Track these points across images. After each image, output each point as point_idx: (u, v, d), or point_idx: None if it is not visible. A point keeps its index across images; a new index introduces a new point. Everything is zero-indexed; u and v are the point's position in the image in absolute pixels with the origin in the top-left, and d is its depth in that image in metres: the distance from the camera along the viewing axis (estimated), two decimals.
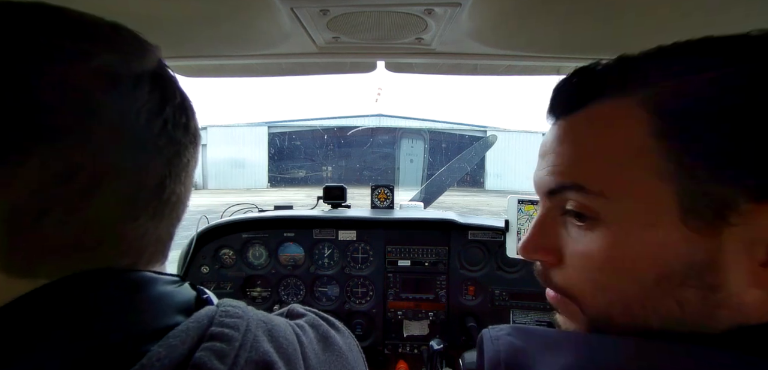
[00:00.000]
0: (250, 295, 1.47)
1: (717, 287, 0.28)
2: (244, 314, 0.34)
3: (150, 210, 0.33)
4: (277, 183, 17.57)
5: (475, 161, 2.39)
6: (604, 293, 0.33)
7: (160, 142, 0.33)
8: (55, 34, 0.28)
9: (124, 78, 0.31)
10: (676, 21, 0.61)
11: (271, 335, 0.34)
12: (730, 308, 0.28)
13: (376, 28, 0.71)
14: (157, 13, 0.61)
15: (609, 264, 0.32)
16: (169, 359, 0.27)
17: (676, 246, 0.29)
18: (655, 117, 0.29)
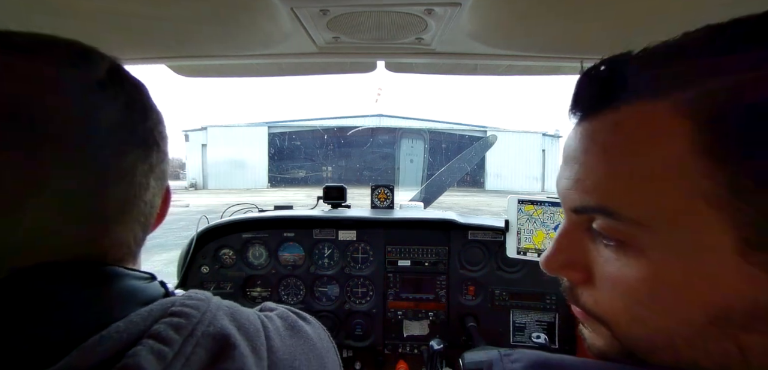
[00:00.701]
0: (250, 295, 1.47)
1: (755, 318, 0.24)
2: (207, 298, 0.36)
3: (105, 213, 0.34)
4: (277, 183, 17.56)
5: (475, 161, 2.39)
6: (644, 326, 0.28)
7: (112, 148, 0.34)
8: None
9: (68, 87, 0.32)
10: (678, 20, 0.61)
11: (233, 316, 0.36)
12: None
13: (376, 28, 0.71)
14: (157, 13, 0.61)
15: (649, 297, 0.27)
16: (128, 333, 0.29)
17: (735, 283, 0.24)
18: (699, 126, 0.24)
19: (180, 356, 0.29)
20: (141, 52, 0.80)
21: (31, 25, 0.63)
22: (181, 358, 0.29)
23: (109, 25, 0.65)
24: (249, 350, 0.34)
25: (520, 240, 1.22)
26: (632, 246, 0.27)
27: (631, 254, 0.27)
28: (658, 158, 0.25)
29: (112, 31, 0.67)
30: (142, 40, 0.73)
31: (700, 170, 0.24)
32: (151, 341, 0.29)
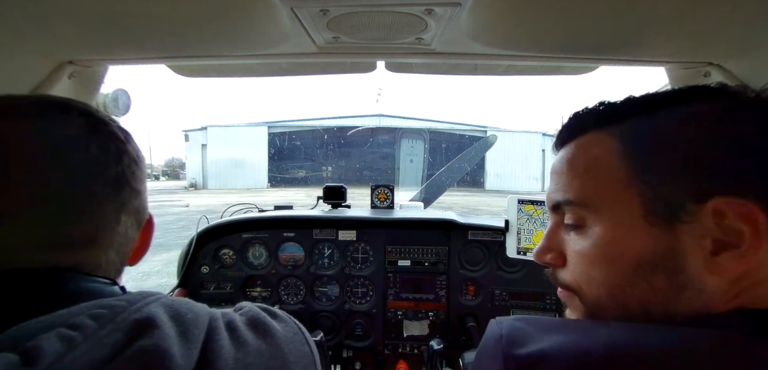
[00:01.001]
0: (250, 295, 1.47)
1: (678, 271, 0.35)
2: (150, 294, 0.37)
3: (70, 241, 0.40)
4: (277, 183, 17.56)
5: (475, 161, 2.39)
6: (596, 284, 0.41)
7: (79, 188, 0.40)
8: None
9: (36, 141, 0.39)
10: (676, 20, 0.61)
11: (172, 306, 0.36)
12: (693, 290, 0.35)
13: (376, 28, 0.71)
14: (157, 13, 0.61)
15: (596, 259, 0.40)
16: (50, 320, 0.31)
17: (642, 240, 0.37)
18: (620, 141, 0.39)
19: (90, 339, 0.30)
20: (141, 52, 0.80)
21: (31, 25, 0.63)
22: (92, 340, 0.30)
23: (109, 25, 0.65)
24: (175, 333, 0.34)
25: (520, 240, 1.22)
26: (585, 226, 0.41)
27: (584, 232, 0.41)
28: (598, 161, 0.40)
29: (112, 31, 0.67)
30: (142, 40, 0.73)
31: (620, 166, 0.39)
32: (63, 329, 0.30)
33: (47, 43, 0.70)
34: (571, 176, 0.43)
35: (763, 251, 0.33)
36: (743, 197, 0.33)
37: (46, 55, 0.75)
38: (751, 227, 0.32)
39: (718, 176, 0.34)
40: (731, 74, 0.74)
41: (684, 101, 0.38)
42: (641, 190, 0.37)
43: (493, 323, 0.38)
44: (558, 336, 0.33)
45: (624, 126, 0.40)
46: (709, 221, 0.34)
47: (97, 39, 0.70)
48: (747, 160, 0.33)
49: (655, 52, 0.76)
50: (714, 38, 0.67)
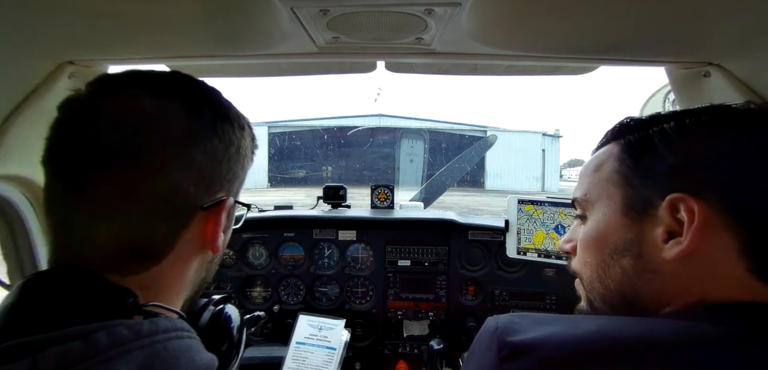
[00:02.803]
0: (250, 295, 1.47)
1: (640, 255, 0.43)
2: (153, 335, 0.36)
3: None
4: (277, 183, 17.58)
5: (475, 161, 2.40)
6: (588, 267, 0.50)
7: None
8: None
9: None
10: (676, 20, 0.61)
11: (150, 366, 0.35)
12: (650, 272, 0.43)
13: (376, 28, 0.71)
14: (157, 13, 0.61)
15: (588, 245, 0.50)
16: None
17: (619, 229, 0.45)
18: (620, 149, 0.48)
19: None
20: (141, 52, 0.79)
21: (31, 25, 0.63)
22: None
23: (109, 25, 0.65)
24: None
25: (520, 240, 1.22)
26: (586, 217, 0.51)
27: (585, 223, 0.51)
28: (600, 166, 0.50)
29: (112, 31, 0.67)
30: (142, 40, 0.73)
31: (616, 169, 0.47)
32: (65, 346, 0.31)
33: (47, 43, 0.70)
34: (584, 177, 0.52)
35: (706, 242, 0.39)
36: (695, 196, 0.39)
37: (46, 55, 0.75)
38: (690, 218, 0.39)
39: (680, 180, 0.41)
40: (731, 74, 0.74)
41: (673, 119, 0.45)
42: (626, 189, 0.45)
43: (490, 319, 0.43)
44: (551, 327, 0.37)
45: (626, 138, 0.47)
46: (665, 214, 0.41)
47: (97, 39, 0.70)
48: (703, 168, 0.41)
49: (655, 52, 0.76)
50: (714, 38, 0.67)
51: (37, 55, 0.74)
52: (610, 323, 0.37)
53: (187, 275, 0.46)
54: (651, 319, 0.39)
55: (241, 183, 0.51)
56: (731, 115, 0.42)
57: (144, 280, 0.41)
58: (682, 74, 0.82)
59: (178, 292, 0.46)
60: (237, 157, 0.48)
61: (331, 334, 1.20)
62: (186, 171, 0.41)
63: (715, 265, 0.39)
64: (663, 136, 0.43)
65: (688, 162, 0.41)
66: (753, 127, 0.40)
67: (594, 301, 0.49)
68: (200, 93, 0.46)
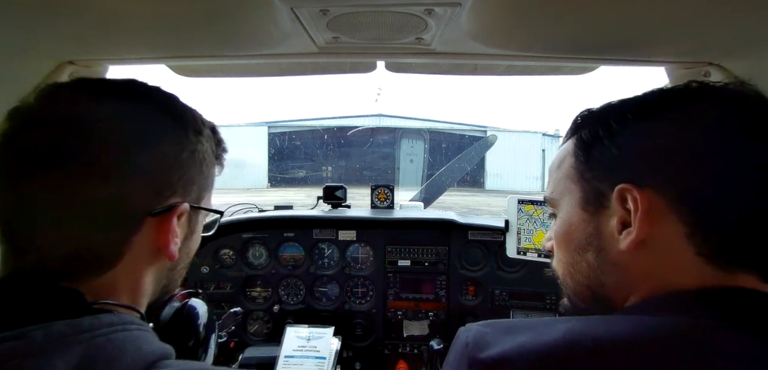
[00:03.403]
0: (250, 295, 1.47)
1: (601, 249, 0.44)
2: (96, 329, 0.35)
3: None
4: (277, 183, 17.56)
5: (475, 161, 2.39)
6: (561, 264, 0.51)
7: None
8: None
9: None
10: (676, 20, 0.61)
11: (92, 358, 0.34)
12: (611, 264, 0.44)
13: (376, 28, 0.71)
14: (157, 13, 0.61)
15: (558, 243, 0.51)
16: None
17: (580, 224, 0.47)
18: (575, 146, 0.48)
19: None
20: (141, 52, 0.79)
21: (31, 25, 0.63)
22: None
23: (109, 25, 0.64)
24: None
25: (520, 240, 1.22)
26: (556, 216, 0.52)
27: (555, 219, 0.52)
28: (561, 163, 0.51)
29: (112, 31, 0.67)
30: (142, 40, 0.73)
31: (573, 165, 0.48)
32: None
33: (47, 43, 0.70)
34: (551, 175, 0.53)
35: (655, 229, 0.39)
36: (639, 184, 0.40)
37: (46, 55, 0.75)
38: (635, 207, 0.40)
39: (626, 170, 0.42)
40: (731, 74, 0.74)
41: (619, 110, 0.45)
42: (582, 184, 0.46)
43: (462, 330, 0.42)
44: (520, 336, 0.37)
45: (580, 134, 0.48)
46: (617, 206, 0.42)
47: (97, 39, 0.70)
48: (645, 156, 0.41)
49: (655, 52, 0.76)
50: (714, 38, 0.67)
51: (37, 55, 0.74)
52: (576, 327, 0.37)
53: (142, 281, 0.45)
54: (617, 317, 0.39)
55: (203, 188, 0.50)
56: (670, 99, 0.42)
57: (93, 285, 0.40)
58: (682, 74, 0.82)
59: (133, 299, 0.45)
60: (191, 161, 0.46)
61: (320, 343, 1.18)
62: (131, 177, 0.40)
63: (668, 251, 0.39)
64: (608, 130, 0.44)
65: (632, 152, 0.42)
66: (690, 110, 0.40)
67: (570, 296, 0.51)
68: (149, 99, 0.45)
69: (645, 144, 0.42)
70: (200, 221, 0.53)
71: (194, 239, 0.52)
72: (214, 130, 0.52)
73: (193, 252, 0.54)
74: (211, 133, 0.51)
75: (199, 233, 0.54)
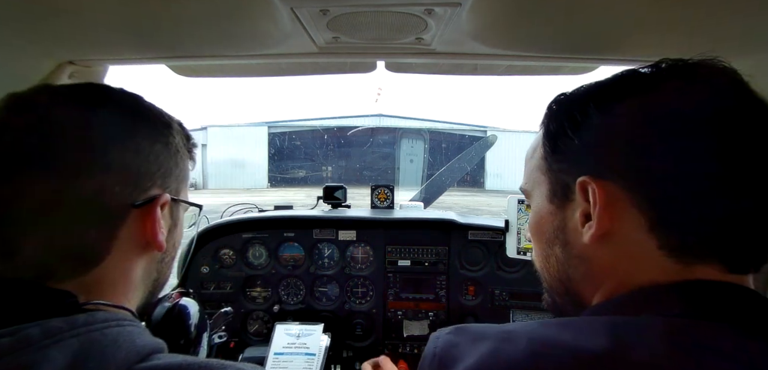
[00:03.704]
0: (250, 295, 1.47)
1: (567, 242, 0.44)
2: (89, 324, 0.36)
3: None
4: (277, 183, 17.56)
5: (475, 161, 2.39)
6: (536, 256, 0.51)
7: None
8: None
9: None
10: (675, 20, 0.61)
11: (85, 353, 0.35)
12: (577, 258, 0.43)
13: (376, 28, 0.71)
14: (157, 13, 0.61)
15: (532, 234, 0.51)
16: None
17: (549, 216, 0.46)
18: (544, 137, 0.47)
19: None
20: (141, 52, 0.80)
21: (31, 25, 0.63)
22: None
23: (109, 25, 0.65)
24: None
25: (520, 240, 1.22)
26: (529, 205, 0.52)
27: (529, 210, 0.53)
28: (533, 154, 0.50)
29: (112, 31, 0.67)
30: (142, 40, 0.73)
31: (542, 156, 0.47)
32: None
33: (47, 43, 0.70)
34: (525, 165, 0.53)
35: (616, 222, 0.38)
36: (600, 176, 0.39)
37: (46, 55, 0.75)
38: (593, 200, 0.40)
39: (588, 162, 0.41)
40: None
41: (582, 101, 0.44)
42: (550, 176, 0.46)
43: (433, 338, 0.42)
44: (486, 343, 0.37)
45: (547, 124, 0.47)
46: (580, 198, 0.41)
47: (97, 39, 0.70)
48: (606, 147, 0.40)
49: (655, 52, 0.76)
50: (714, 38, 0.67)
51: (37, 55, 0.74)
52: (540, 334, 0.36)
53: (132, 275, 0.46)
54: (580, 320, 0.38)
55: (180, 180, 0.51)
56: (627, 87, 0.41)
57: (84, 282, 0.41)
58: None
59: (124, 293, 0.45)
60: (166, 152, 0.48)
61: (310, 339, 1.18)
62: (103, 173, 0.41)
63: (630, 245, 0.38)
64: (571, 120, 0.43)
65: (593, 143, 0.41)
66: (647, 100, 0.39)
67: (547, 290, 0.50)
68: (110, 98, 0.47)
69: (605, 135, 0.40)
70: (181, 213, 0.54)
71: (178, 231, 0.54)
72: (182, 125, 0.54)
73: (179, 245, 0.56)
74: (179, 128, 0.53)
75: (182, 226, 0.55)
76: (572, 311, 0.46)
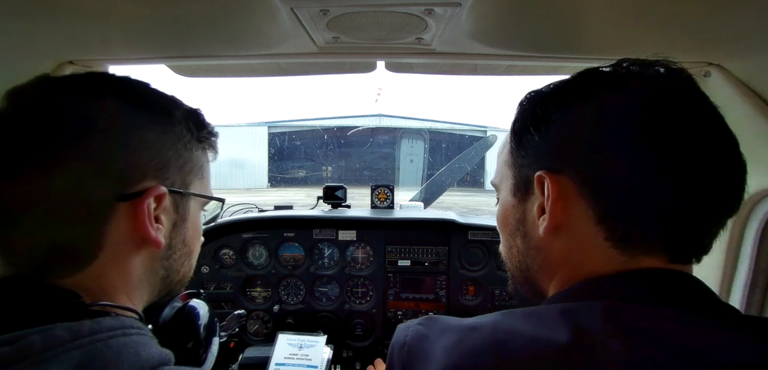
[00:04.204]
0: (250, 295, 1.47)
1: (527, 234, 0.47)
2: (94, 332, 0.35)
3: None
4: (277, 183, 17.53)
5: (475, 161, 2.39)
6: (503, 248, 0.53)
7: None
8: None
9: None
10: (675, 20, 0.61)
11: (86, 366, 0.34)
12: (535, 249, 0.46)
13: (376, 28, 0.71)
14: (157, 13, 0.61)
15: (498, 227, 0.54)
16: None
17: (512, 209, 0.49)
18: (511, 137, 0.49)
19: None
20: (141, 52, 0.80)
21: (31, 26, 0.63)
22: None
23: (109, 25, 0.65)
24: None
25: None
26: (498, 200, 0.54)
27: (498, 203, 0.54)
28: (502, 150, 0.53)
29: (112, 31, 0.67)
30: (142, 40, 0.73)
31: (509, 151, 0.50)
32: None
33: (47, 43, 0.70)
34: (497, 160, 0.55)
35: (568, 215, 0.41)
36: (554, 171, 0.42)
37: (46, 55, 0.75)
38: (547, 192, 0.42)
39: (545, 158, 0.43)
40: (731, 74, 0.74)
41: (544, 101, 0.45)
42: (514, 171, 0.48)
43: (402, 328, 0.43)
44: (449, 338, 0.39)
45: (515, 121, 0.49)
46: (537, 191, 0.44)
47: (97, 39, 0.70)
48: (560, 144, 0.42)
49: (655, 52, 0.76)
50: (714, 38, 0.67)
51: (37, 55, 0.74)
52: (502, 323, 0.38)
53: (131, 273, 0.43)
54: (539, 309, 0.40)
55: (186, 172, 0.47)
56: (582, 87, 0.43)
57: (82, 281, 0.39)
58: None
59: (127, 291, 0.43)
60: (163, 141, 0.44)
61: (312, 351, 1.16)
62: (84, 163, 0.38)
63: (580, 237, 0.41)
64: (533, 118, 0.45)
65: (550, 140, 0.43)
66: (598, 100, 0.41)
67: (511, 279, 0.53)
68: (97, 84, 0.43)
69: (562, 132, 0.43)
70: (191, 207, 0.50)
71: (188, 226, 0.50)
72: (194, 113, 0.50)
73: (193, 241, 0.52)
74: (189, 116, 0.49)
75: (195, 220, 0.52)
76: (532, 297, 0.50)
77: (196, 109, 0.50)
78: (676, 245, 0.38)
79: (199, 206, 0.52)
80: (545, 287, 0.47)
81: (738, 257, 0.82)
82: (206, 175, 0.53)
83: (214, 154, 0.53)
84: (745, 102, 0.73)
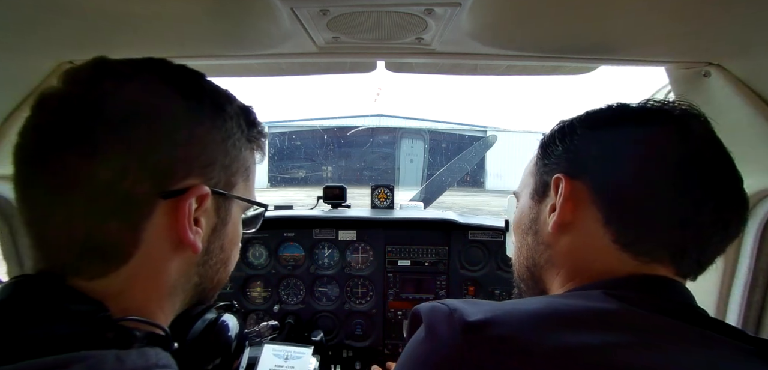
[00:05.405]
0: (250, 295, 1.47)
1: (538, 231, 0.51)
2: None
3: None
4: (277, 183, 17.53)
5: (475, 161, 2.39)
6: (514, 249, 0.58)
7: None
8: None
9: None
10: (676, 20, 0.61)
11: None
12: (543, 245, 0.50)
13: (376, 28, 0.71)
14: (157, 13, 0.61)
15: (513, 229, 0.58)
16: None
17: (528, 210, 0.54)
18: (538, 148, 0.55)
19: None
20: (141, 52, 0.79)
21: (31, 25, 0.63)
22: None
23: (109, 25, 0.64)
24: None
25: None
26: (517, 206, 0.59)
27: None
28: (530, 162, 0.57)
29: (113, 31, 0.67)
30: (142, 40, 0.73)
31: (535, 163, 0.55)
32: None
33: (47, 43, 0.70)
34: (522, 176, 0.61)
35: (577, 215, 0.45)
36: (571, 176, 0.47)
37: (46, 55, 0.75)
38: (560, 191, 0.47)
39: (564, 164, 0.49)
40: (731, 74, 0.74)
41: (579, 121, 0.51)
42: (536, 177, 0.53)
43: (437, 304, 0.43)
44: (503, 307, 0.40)
45: (544, 137, 0.54)
46: (553, 192, 0.48)
47: (97, 39, 0.70)
48: (580, 154, 0.48)
49: (655, 52, 0.76)
50: (714, 38, 0.66)
51: (37, 55, 0.74)
52: (548, 299, 0.42)
53: (164, 278, 0.40)
54: (575, 293, 0.43)
55: (232, 173, 0.45)
56: (616, 117, 0.49)
57: (113, 285, 0.37)
58: (682, 74, 0.82)
59: (157, 300, 0.40)
60: (209, 138, 0.41)
61: (298, 363, 1.13)
62: (123, 153, 0.36)
63: (587, 235, 0.45)
64: (561, 132, 0.51)
65: (573, 150, 0.49)
66: (631, 130, 0.46)
67: (516, 279, 0.58)
68: (152, 69, 0.42)
69: (584, 144, 0.48)
70: (233, 211, 0.47)
71: (227, 231, 0.47)
72: (246, 110, 0.47)
73: (231, 247, 0.49)
74: (241, 112, 0.46)
75: (236, 225, 0.49)
76: (533, 295, 0.53)
77: (248, 106, 0.48)
78: (685, 260, 0.42)
79: (241, 211, 0.50)
80: (549, 282, 0.50)
81: (738, 257, 0.82)
82: (252, 178, 0.50)
83: (262, 155, 0.51)
84: (745, 102, 0.73)
